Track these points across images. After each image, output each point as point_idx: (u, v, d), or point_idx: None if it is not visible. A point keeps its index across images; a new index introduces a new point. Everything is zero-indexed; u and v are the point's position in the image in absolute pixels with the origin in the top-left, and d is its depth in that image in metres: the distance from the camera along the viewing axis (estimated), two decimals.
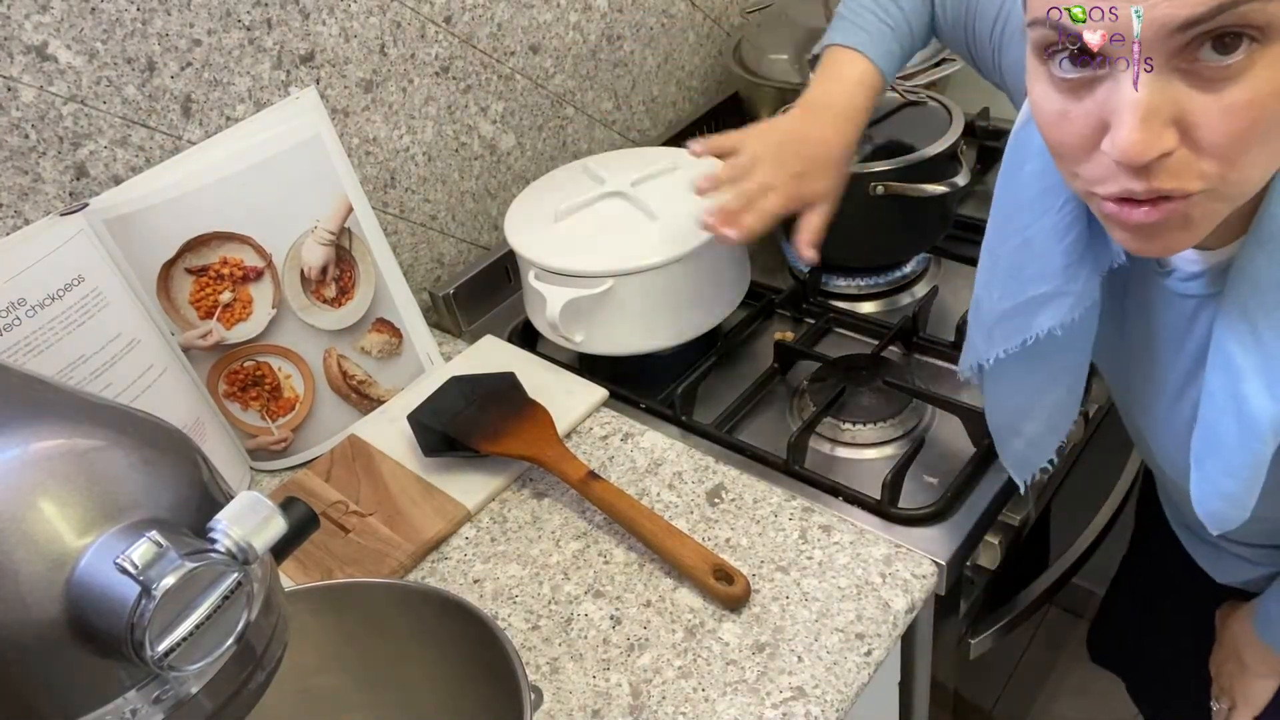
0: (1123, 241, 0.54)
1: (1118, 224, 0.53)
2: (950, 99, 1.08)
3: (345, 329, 0.97)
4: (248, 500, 0.39)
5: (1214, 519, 0.61)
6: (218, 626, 0.38)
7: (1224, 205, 0.51)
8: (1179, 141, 0.47)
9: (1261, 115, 0.46)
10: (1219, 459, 0.59)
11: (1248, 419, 0.56)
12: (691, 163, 1.06)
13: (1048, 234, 0.64)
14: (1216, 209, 0.51)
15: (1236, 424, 0.57)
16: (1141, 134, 0.47)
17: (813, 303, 1.10)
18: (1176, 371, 0.65)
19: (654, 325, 0.98)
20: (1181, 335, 0.63)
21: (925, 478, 0.88)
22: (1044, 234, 0.64)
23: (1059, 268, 0.64)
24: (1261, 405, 0.55)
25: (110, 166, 0.87)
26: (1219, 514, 0.61)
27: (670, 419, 0.97)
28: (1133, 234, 0.52)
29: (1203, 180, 0.48)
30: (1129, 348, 0.70)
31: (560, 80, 1.23)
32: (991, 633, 0.96)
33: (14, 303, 0.77)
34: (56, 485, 0.37)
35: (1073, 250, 0.63)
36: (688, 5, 1.36)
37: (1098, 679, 1.15)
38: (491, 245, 1.22)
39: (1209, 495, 0.61)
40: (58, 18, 0.80)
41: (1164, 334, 0.65)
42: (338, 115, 1.01)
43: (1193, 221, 0.51)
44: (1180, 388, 0.65)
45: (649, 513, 0.83)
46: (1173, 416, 0.67)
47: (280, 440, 0.97)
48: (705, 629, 0.77)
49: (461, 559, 0.86)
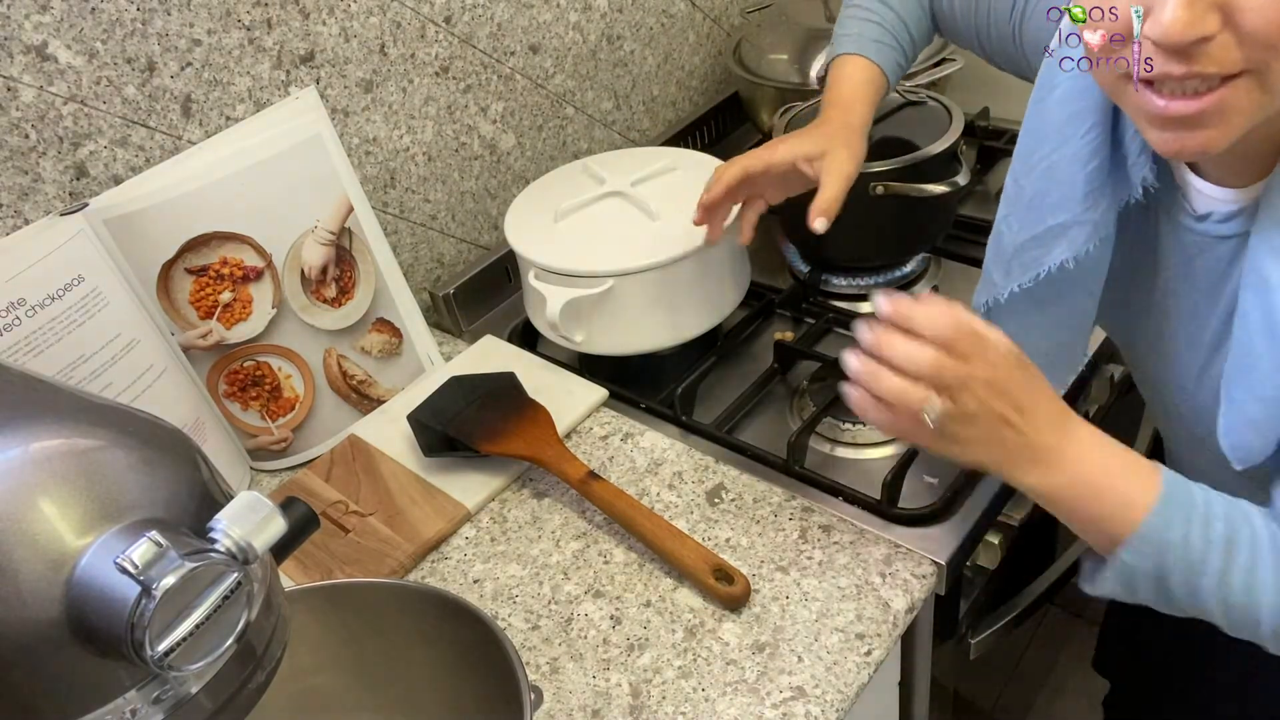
0: (1157, 143, 0.54)
1: (1153, 119, 0.52)
2: (950, 99, 1.08)
3: (345, 329, 0.97)
4: (248, 500, 0.39)
5: (1238, 451, 0.58)
6: (218, 626, 0.38)
7: (1266, 98, 0.50)
8: (1221, 25, 0.47)
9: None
10: (1249, 384, 0.57)
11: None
12: (691, 163, 1.07)
13: (1070, 160, 0.64)
14: (1257, 101, 0.50)
15: (1270, 344, 0.55)
16: (1184, 13, 0.46)
17: (813, 303, 1.10)
18: (1214, 321, 0.63)
19: (654, 325, 0.98)
20: (1218, 282, 0.61)
21: (925, 478, 0.88)
22: (1067, 160, 0.64)
23: (1080, 195, 0.64)
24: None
25: (110, 166, 0.87)
26: (1245, 445, 0.58)
27: (670, 419, 0.97)
28: (1170, 129, 0.52)
29: (1246, 63, 0.48)
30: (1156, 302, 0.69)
31: (560, 80, 1.23)
32: (991, 633, 0.96)
33: (14, 303, 0.77)
34: (56, 485, 0.37)
35: (1094, 178, 0.63)
36: (688, 5, 1.36)
37: (1098, 680, 1.15)
38: (491, 245, 1.22)
39: (1236, 425, 0.58)
40: (58, 18, 0.80)
41: (1199, 283, 0.64)
42: (338, 115, 1.01)
43: (1230, 115, 0.50)
44: (1220, 337, 0.63)
45: (649, 513, 0.83)
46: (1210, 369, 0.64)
47: (280, 440, 0.97)
48: (705, 629, 0.77)
49: (461, 559, 0.86)
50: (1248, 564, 0.56)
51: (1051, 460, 0.60)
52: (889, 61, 0.89)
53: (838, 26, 0.92)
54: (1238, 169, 0.59)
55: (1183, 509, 0.58)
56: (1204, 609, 0.58)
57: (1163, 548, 0.57)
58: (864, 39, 0.88)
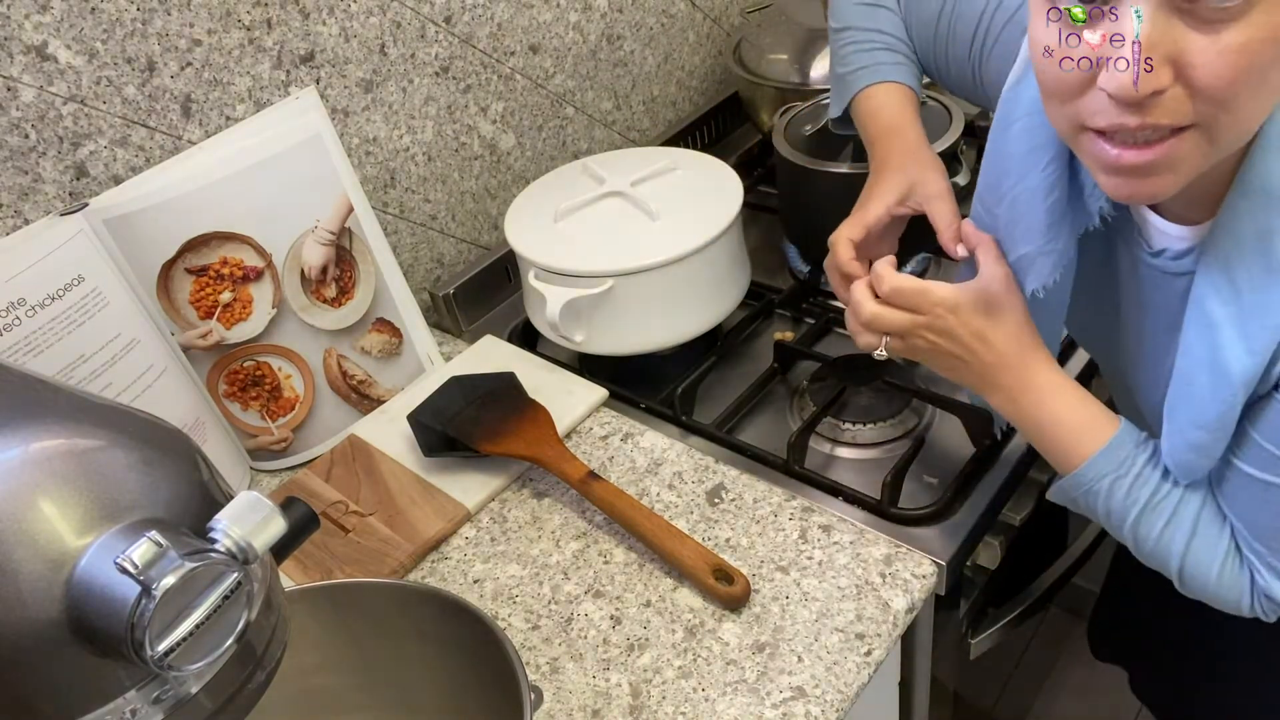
0: (1109, 188, 0.56)
1: (1106, 166, 0.54)
2: (950, 99, 1.08)
3: (345, 329, 0.97)
4: (248, 500, 0.39)
5: (1182, 469, 0.63)
6: (218, 626, 0.38)
7: (1213, 150, 0.52)
8: (1174, 79, 0.49)
9: (1255, 60, 0.48)
10: (1191, 412, 0.60)
11: (1221, 371, 0.57)
12: (691, 162, 1.07)
13: (1031, 193, 0.66)
14: (1204, 152, 0.52)
15: (1210, 376, 0.58)
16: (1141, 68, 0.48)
17: (813, 303, 1.10)
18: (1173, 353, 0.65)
19: (654, 325, 0.98)
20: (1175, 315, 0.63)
21: (925, 478, 0.88)
22: (1028, 193, 0.66)
23: (1043, 227, 0.66)
24: (1235, 356, 0.56)
25: (110, 166, 0.87)
26: (1187, 464, 0.63)
27: (670, 419, 0.97)
28: (1121, 175, 0.54)
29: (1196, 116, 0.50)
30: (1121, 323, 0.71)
31: (560, 80, 1.23)
32: (991, 633, 0.96)
33: (14, 303, 0.77)
34: (56, 485, 0.37)
35: (1054, 210, 0.66)
36: (688, 5, 1.36)
37: (1098, 678, 1.15)
38: (491, 245, 1.22)
39: (1179, 447, 0.62)
40: (58, 18, 0.80)
41: (1159, 316, 0.66)
42: (338, 115, 1.01)
43: (1179, 164, 0.52)
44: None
45: (649, 513, 0.83)
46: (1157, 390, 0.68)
47: (280, 440, 0.97)
48: (705, 629, 0.77)
49: (461, 559, 0.86)
50: (1161, 529, 0.65)
51: (1008, 393, 0.70)
52: (910, 77, 0.86)
53: (837, 65, 0.89)
54: (1194, 206, 0.60)
55: (1116, 464, 0.66)
56: (1123, 540, 0.69)
57: (1089, 492, 0.67)
58: (878, 67, 0.86)
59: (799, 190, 1.10)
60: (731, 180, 1.02)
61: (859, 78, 0.86)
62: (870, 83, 0.86)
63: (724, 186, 1.01)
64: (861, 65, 0.86)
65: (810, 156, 1.06)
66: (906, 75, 0.86)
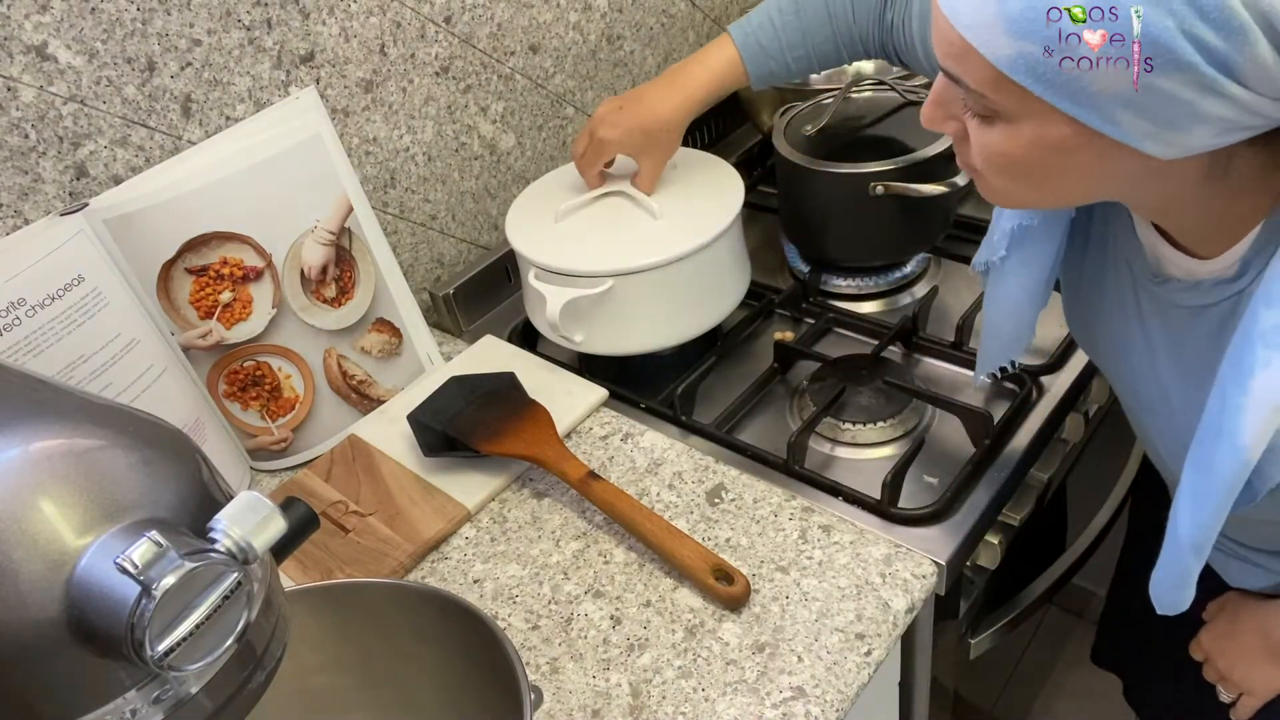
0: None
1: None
2: None
3: (345, 329, 0.97)
4: (248, 500, 0.39)
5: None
6: (218, 626, 0.38)
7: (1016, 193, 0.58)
8: (961, 133, 0.56)
9: (1007, 163, 0.54)
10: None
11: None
12: (691, 162, 1.07)
13: None
14: (1009, 190, 0.58)
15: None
16: (930, 110, 0.58)
17: (813, 303, 1.10)
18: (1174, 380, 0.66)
19: (654, 325, 0.98)
20: (1180, 341, 0.63)
21: (925, 478, 0.88)
22: None
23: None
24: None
25: (110, 166, 0.87)
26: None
27: (670, 419, 0.97)
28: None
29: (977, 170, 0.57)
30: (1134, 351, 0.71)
31: (560, 80, 1.23)
32: (991, 633, 0.96)
33: (14, 303, 0.77)
34: (56, 485, 0.37)
35: None
36: (688, 5, 1.36)
37: (1098, 679, 1.15)
38: (491, 245, 1.22)
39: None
40: (58, 18, 0.80)
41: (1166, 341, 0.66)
42: (338, 115, 1.01)
43: (994, 190, 0.59)
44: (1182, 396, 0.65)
45: (649, 513, 0.83)
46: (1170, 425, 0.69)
47: (280, 440, 0.97)
48: (705, 629, 0.77)
49: (461, 559, 0.86)
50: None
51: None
52: (756, 54, 0.93)
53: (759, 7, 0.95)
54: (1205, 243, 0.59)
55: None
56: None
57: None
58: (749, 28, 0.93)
59: (799, 190, 1.10)
60: (732, 179, 1.02)
61: (736, 25, 0.94)
62: (732, 33, 0.94)
63: (725, 186, 1.01)
64: (753, 21, 0.93)
65: (810, 156, 1.06)
66: (754, 50, 0.93)
